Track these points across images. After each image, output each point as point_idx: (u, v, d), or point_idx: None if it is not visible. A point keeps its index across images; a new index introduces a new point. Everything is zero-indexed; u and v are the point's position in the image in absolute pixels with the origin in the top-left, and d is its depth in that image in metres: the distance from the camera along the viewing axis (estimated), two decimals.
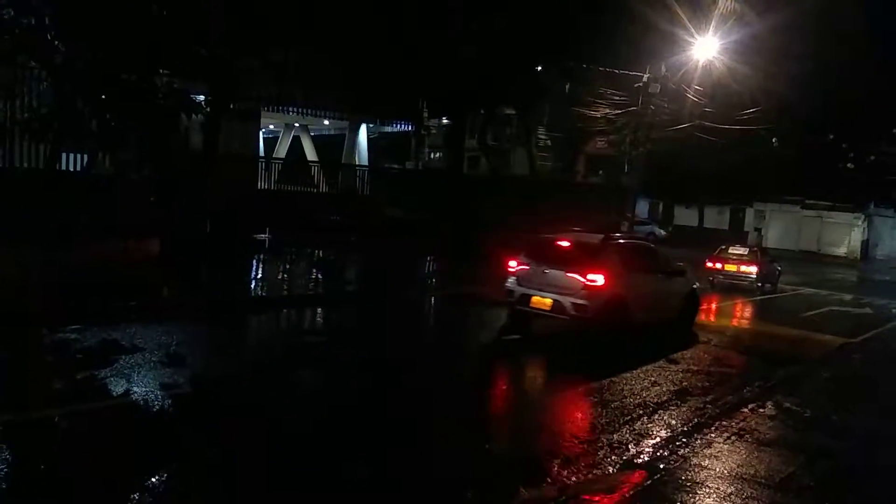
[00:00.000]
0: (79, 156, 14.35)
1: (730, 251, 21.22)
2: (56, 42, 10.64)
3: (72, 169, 14.57)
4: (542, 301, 10.79)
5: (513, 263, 11.39)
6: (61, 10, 10.44)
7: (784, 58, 24.99)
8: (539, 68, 28.44)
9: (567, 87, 29.30)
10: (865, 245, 43.87)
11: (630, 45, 22.48)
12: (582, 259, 10.78)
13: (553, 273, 10.79)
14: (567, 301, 10.46)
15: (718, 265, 20.66)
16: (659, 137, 22.82)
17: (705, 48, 20.60)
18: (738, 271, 20.32)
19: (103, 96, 11.44)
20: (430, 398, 7.86)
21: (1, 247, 10.05)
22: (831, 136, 40.35)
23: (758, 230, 46.51)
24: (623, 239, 12.64)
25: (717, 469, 6.13)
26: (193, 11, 11.78)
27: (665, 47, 21.26)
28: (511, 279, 11.31)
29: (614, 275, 10.66)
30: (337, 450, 6.06)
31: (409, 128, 31.68)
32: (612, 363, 9.78)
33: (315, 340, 10.90)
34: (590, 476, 5.87)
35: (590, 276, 10.45)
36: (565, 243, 11.33)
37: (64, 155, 13.80)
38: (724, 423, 7.44)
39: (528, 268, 11.14)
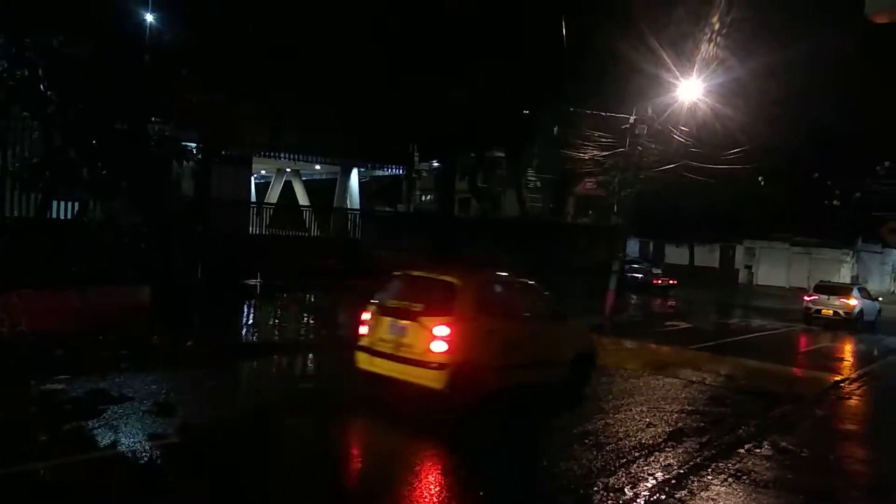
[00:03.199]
0: (70, 203, 14.38)
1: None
2: (48, 93, 10.77)
3: (63, 217, 14.58)
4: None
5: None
6: (55, 63, 10.59)
7: (767, 100, 25.50)
8: (527, 112, 28.89)
9: (555, 129, 29.71)
10: (855, 280, 44.14)
11: (616, 87, 22.90)
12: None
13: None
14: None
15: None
16: (647, 177, 23.02)
17: (690, 90, 20.97)
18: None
19: (95, 144, 11.52)
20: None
21: None
22: (816, 175, 40.91)
23: (748, 267, 46.79)
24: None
25: None
26: (184, 61, 11.97)
27: (650, 89, 21.62)
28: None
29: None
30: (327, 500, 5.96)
31: (401, 171, 31.97)
32: None
33: (306, 387, 10.78)
34: None
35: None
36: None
37: (55, 203, 13.83)
38: (720, 463, 7.38)
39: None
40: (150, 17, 12.53)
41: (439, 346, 7.87)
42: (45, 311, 10.48)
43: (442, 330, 7.86)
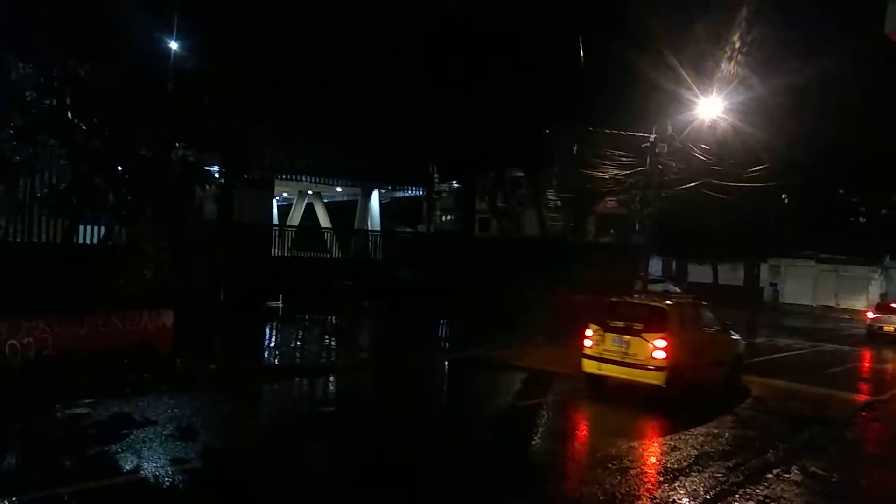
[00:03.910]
0: (95, 228, 14.58)
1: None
2: (75, 120, 10.98)
3: (89, 242, 14.78)
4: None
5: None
6: (81, 91, 10.81)
7: (788, 117, 25.27)
8: (546, 131, 28.92)
9: (575, 148, 29.68)
10: (885, 298, 43.27)
11: (636, 106, 22.85)
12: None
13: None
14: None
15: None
16: (668, 196, 22.93)
17: (710, 108, 20.91)
18: None
19: (120, 171, 11.70)
20: (444, 467, 7.70)
21: (16, 320, 10.11)
22: (841, 191, 40.30)
23: (773, 285, 46.07)
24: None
25: None
26: (207, 88, 12.16)
27: (670, 107, 21.60)
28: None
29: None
30: None
31: (421, 192, 32.06)
32: None
33: (328, 410, 10.79)
34: None
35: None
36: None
37: (81, 227, 14.04)
38: (748, 489, 7.21)
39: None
40: (174, 45, 12.76)
41: (659, 354, 10.82)
42: (70, 335, 10.60)
43: (660, 342, 10.84)
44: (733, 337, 13.41)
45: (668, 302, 12.42)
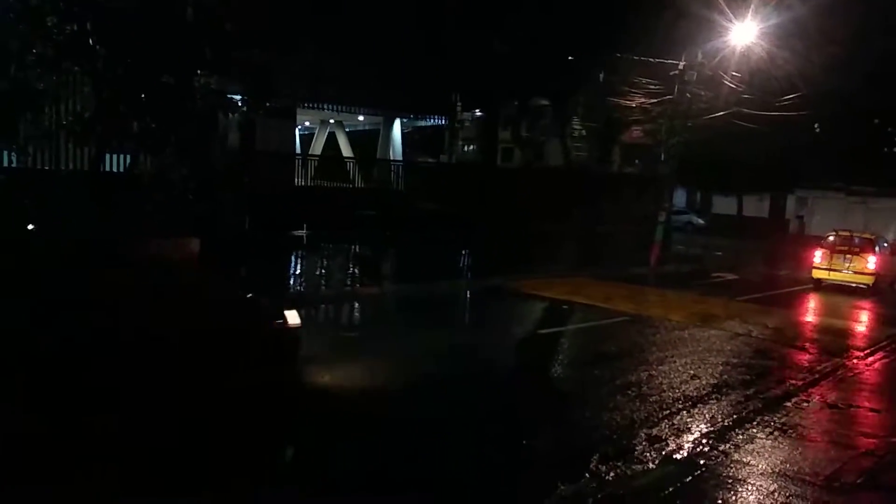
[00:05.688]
0: (121, 157, 14.69)
1: None
2: (97, 47, 10.90)
3: (115, 170, 14.93)
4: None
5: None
6: (102, 17, 10.70)
7: (825, 40, 24.28)
8: (572, 59, 28.17)
9: (601, 76, 28.95)
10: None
11: (665, 32, 22.09)
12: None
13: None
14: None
15: None
16: (696, 125, 22.40)
17: (743, 33, 20.13)
18: None
19: (143, 99, 11.68)
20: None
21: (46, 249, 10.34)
22: (877, 121, 39.08)
23: (799, 217, 45.40)
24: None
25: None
26: (227, 14, 11.95)
27: (701, 33, 20.83)
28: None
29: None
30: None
31: (443, 121, 31.64)
32: None
33: (351, 336, 11.06)
34: (629, 472, 5.85)
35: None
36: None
37: (107, 156, 14.15)
38: (766, 416, 7.34)
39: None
40: None
41: (871, 266, 18.20)
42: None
43: (872, 258, 18.29)
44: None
45: (873, 234, 20.07)
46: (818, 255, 18.96)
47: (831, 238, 19.41)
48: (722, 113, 21.87)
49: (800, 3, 21.67)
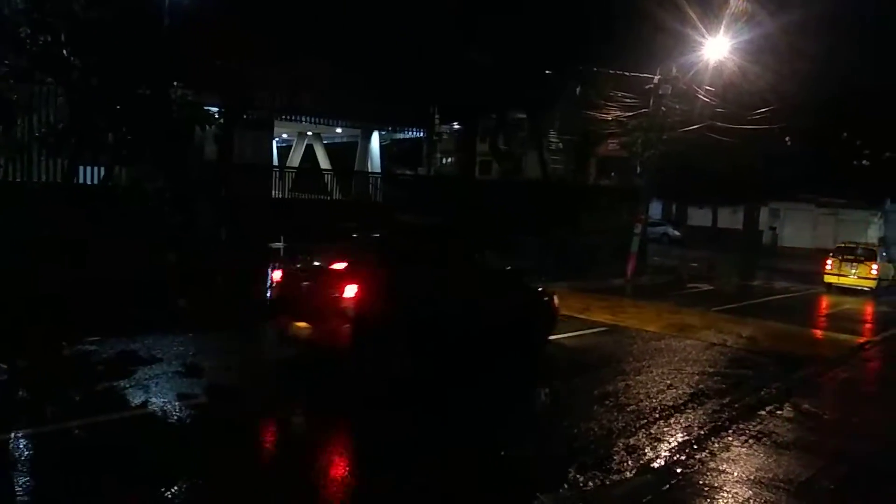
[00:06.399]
0: (96, 169, 14.54)
1: None
2: (72, 58, 10.82)
3: (89, 182, 14.76)
4: None
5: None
6: (76, 28, 10.62)
7: (796, 56, 24.80)
8: (549, 72, 28.44)
9: (578, 90, 29.25)
10: (883, 242, 43.37)
11: (640, 46, 22.41)
12: None
13: None
14: None
15: None
16: (671, 138, 22.71)
17: (716, 48, 20.51)
18: None
19: (118, 110, 11.60)
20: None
21: (20, 260, 10.19)
22: (845, 134, 39.92)
23: (772, 229, 46.12)
24: None
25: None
26: (204, 25, 11.93)
27: (675, 48, 21.18)
28: None
29: None
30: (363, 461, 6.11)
31: (421, 134, 31.74)
32: None
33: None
34: (607, 482, 5.87)
35: None
36: None
37: (81, 168, 13.99)
38: (741, 425, 7.42)
39: None
40: None
41: (874, 273, 21.90)
42: (73, 274, 10.68)
43: (875, 266, 21.92)
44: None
45: (874, 245, 24.06)
46: (829, 264, 22.64)
47: (839, 249, 23.51)
48: (696, 126, 22.20)
49: (770, 19, 22.14)
